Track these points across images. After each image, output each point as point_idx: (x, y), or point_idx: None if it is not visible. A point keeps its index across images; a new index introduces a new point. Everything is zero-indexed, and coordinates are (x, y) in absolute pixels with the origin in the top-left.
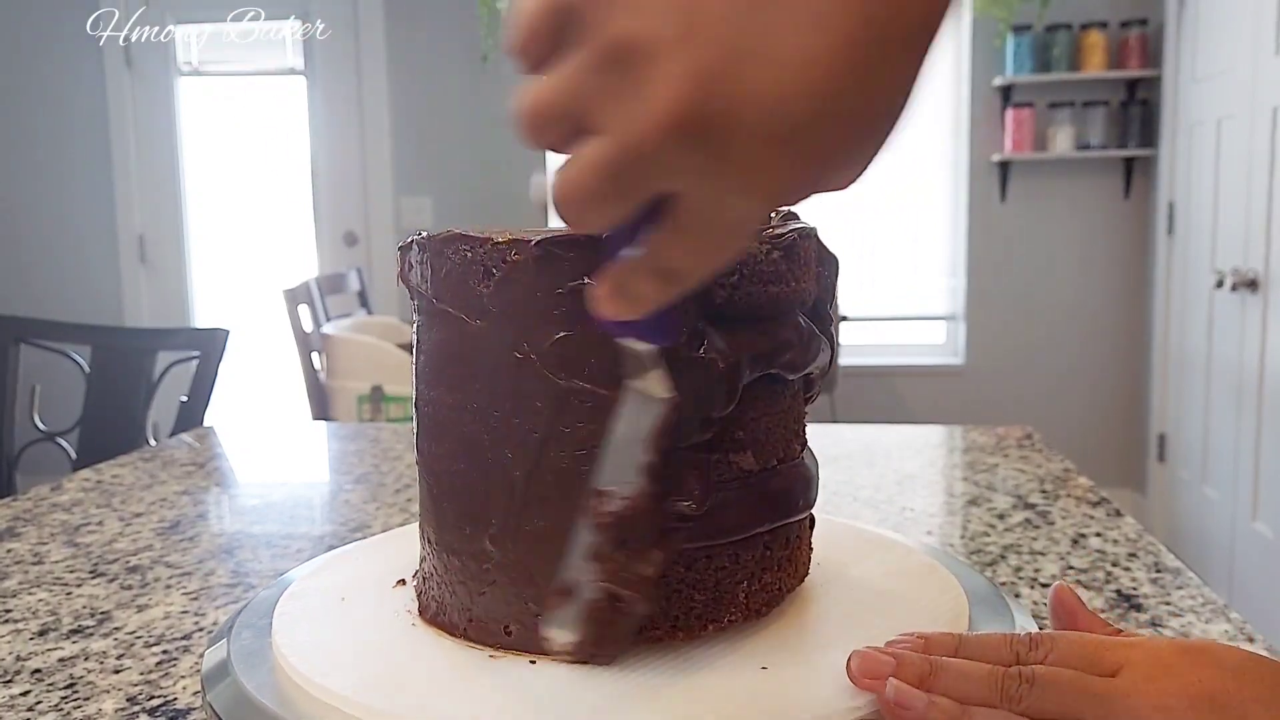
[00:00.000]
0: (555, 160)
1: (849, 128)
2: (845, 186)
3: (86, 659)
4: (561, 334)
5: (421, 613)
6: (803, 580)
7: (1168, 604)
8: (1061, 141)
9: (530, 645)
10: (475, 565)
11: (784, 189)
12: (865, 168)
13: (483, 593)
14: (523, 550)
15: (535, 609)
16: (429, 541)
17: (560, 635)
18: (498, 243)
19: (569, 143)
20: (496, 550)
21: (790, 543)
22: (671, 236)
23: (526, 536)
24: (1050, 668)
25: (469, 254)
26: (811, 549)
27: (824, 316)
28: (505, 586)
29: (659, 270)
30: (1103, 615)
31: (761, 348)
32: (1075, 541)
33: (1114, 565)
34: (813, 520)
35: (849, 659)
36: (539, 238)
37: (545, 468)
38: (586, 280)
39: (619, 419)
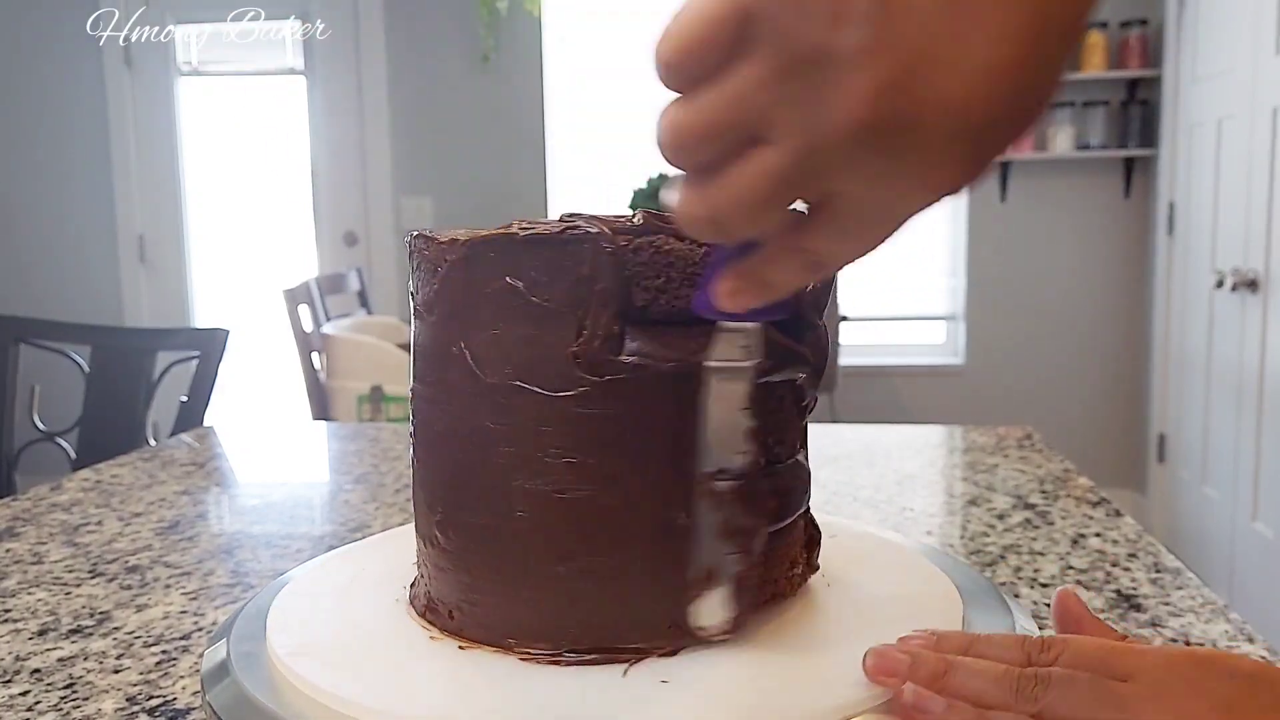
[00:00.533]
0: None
1: (1019, 128)
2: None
3: (86, 659)
4: (487, 332)
5: (411, 588)
6: (774, 598)
7: (1167, 604)
8: (1061, 141)
9: (464, 631)
10: (433, 550)
11: (951, 186)
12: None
13: (435, 576)
14: (461, 540)
15: (475, 597)
16: (415, 524)
17: (714, 619)
18: (440, 242)
19: (728, 157)
20: (442, 537)
21: (748, 559)
22: (827, 229)
23: (464, 528)
24: (1066, 670)
25: (425, 253)
26: (799, 565)
27: (803, 327)
28: (450, 572)
29: (804, 260)
30: (1103, 616)
31: (690, 354)
32: (1075, 542)
33: (1114, 565)
34: (813, 537)
35: (865, 656)
36: (470, 237)
37: (477, 461)
38: (508, 279)
39: (709, 399)
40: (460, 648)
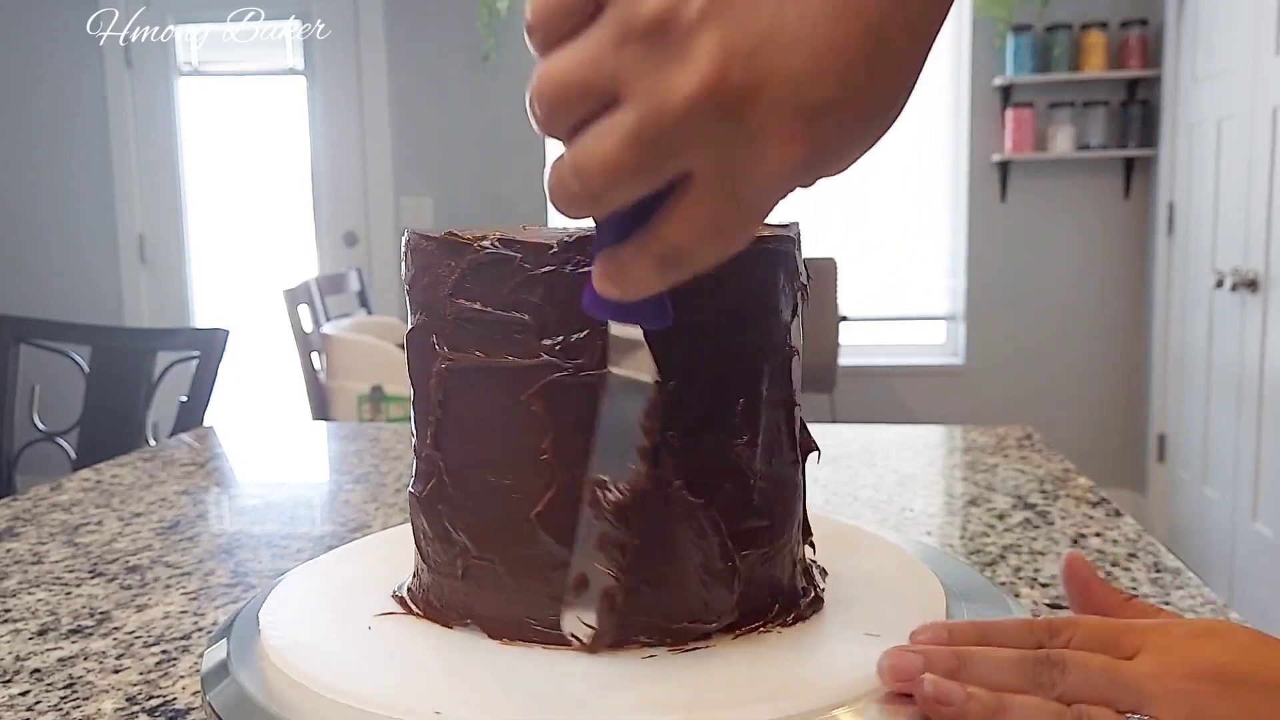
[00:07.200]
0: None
1: (862, 112)
2: (842, 170)
3: (86, 659)
4: (417, 322)
5: (408, 582)
6: (650, 635)
7: (1168, 604)
8: (1061, 141)
9: (461, 623)
10: (427, 543)
11: (798, 169)
12: (864, 153)
13: (431, 570)
14: (453, 532)
15: (469, 590)
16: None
17: (580, 629)
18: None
19: (587, 119)
20: (433, 529)
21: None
22: (681, 218)
23: (456, 520)
24: (1079, 652)
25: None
26: (695, 606)
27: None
28: (444, 565)
29: (663, 254)
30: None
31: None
32: (1075, 541)
33: (1114, 565)
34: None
35: (880, 660)
36: (411, 232)
37: (457, 455)
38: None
39: (607, 407)
40: (455, 639)
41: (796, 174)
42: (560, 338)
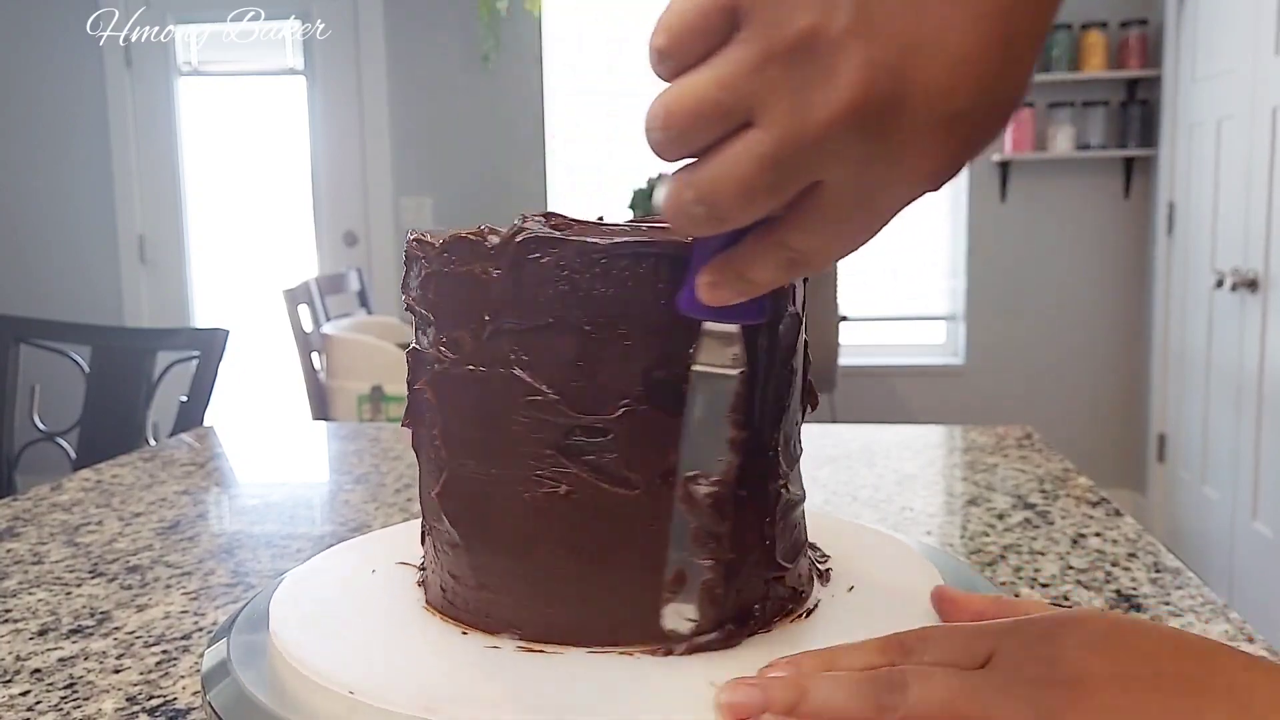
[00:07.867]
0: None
1: (991, 117)
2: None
3: (86, 659)
4: (416, 318)
5: (421, 574)
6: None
7: (1167, 604)
8: (1061, 141)
9: (471, 619)
10: (439, 538)
11: (935, 175)
12: (981, 151)
13: (444, 565)
14: (465, 530)
15: (479, 586)
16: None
17: (682, 624)
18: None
19: (718, 141)
20: (448, 525)
21: (719, 567)
22: (809, 223)
23: (467, 518)
24: (920, 667)
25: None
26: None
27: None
28: (457, 562)
29: (790, 258)
30: None
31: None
32: (1075, 541)
33: (1114, 565)
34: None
35: (717, 696)
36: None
37: (475, 451)
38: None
39: (694, 403)
40: (465, 634)
41: (931, 182)
42: (445, 331)
